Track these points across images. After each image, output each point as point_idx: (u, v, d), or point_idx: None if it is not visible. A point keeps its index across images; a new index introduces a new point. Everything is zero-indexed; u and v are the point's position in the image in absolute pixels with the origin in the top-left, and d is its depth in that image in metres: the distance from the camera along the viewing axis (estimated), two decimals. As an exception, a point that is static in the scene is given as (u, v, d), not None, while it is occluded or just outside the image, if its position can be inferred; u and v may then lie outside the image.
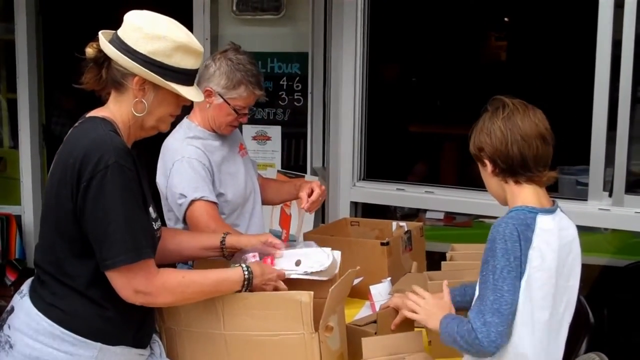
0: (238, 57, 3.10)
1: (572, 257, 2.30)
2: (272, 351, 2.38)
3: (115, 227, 2.12)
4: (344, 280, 2.52)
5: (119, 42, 2.24)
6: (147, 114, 2.29)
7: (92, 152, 2.13)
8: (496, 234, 2.18)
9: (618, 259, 4.28)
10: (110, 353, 2.23)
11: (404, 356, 2.49)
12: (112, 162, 2.12)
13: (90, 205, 2.13)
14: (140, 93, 2.26)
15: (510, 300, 2.14)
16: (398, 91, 6.15)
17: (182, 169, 3.01)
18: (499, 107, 2.31)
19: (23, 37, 5.45)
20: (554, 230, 2.22)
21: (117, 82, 2.27)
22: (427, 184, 4.61)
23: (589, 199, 4.01)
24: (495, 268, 2.16)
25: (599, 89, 3.90)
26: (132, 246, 2.13)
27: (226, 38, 4.93)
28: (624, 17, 3.80)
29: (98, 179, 2.11)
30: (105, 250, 2.13)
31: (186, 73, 2.29)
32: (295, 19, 4.81)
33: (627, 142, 3.85)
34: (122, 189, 2.13)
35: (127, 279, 2.16)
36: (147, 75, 2.23)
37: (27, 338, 2.20)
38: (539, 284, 2.18)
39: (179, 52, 2.25)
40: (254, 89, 3.10)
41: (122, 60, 2.22)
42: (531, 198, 2.27)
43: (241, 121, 3.18)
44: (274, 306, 2.35)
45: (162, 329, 2.52)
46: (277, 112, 4.85)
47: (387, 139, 5.67)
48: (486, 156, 2.30)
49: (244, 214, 3.23)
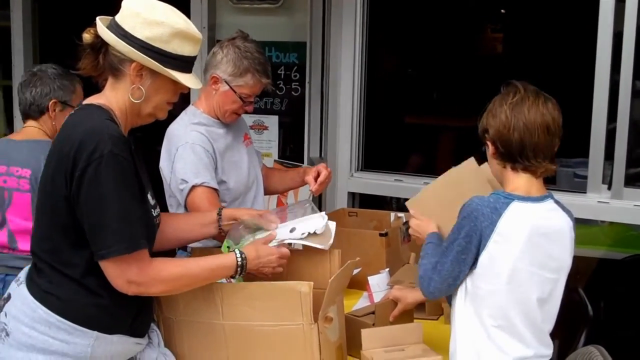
0: (246, 44, 3.11)
1: (557, 249, 2.33)
2: (271, 341, 2.37)
3: (110, 217, 2.10)
4: (344, 271, 2.50)
5: (116, 28, 2.22)
6: (144, 101, 2.28)
7: (87, 140, 2.11)
8: (461, 209, 2.29)
9: (615, 252, 4.28)
10: (107, 341, 2.22)
11: (403, 347, 2.50)
12: (107, 151, 2.09)
13: (84, 194, 2.11)
14: (137, 79, 2.24)
15: (451, 270, 2.28)
16: (395, 82, 6.14)
17: (185, 154, 3.01)
18: (510, 92, 2.33)
19: (18, 23, 5.42)
20: (527, 218, 2.26)
21: (115, 68, 2.25)
22: (425, 175, 4.60)
23: (588, 191, 4.00)
24: (449, 238, 2.29)
25: (599, 81, 3.89)
26: (127, 236, 2.12)
27: (224, 27, 4.90)
28: (625, 9, 3.79)
29: (93, 167, 2.09)
30: (99, 240, 2.12)
31: (184, 60, 2.27)
32: (294, 8, 4.78)
33: (626, 135, 3.85)
34: (116, 178, 2.11)
35: (121, 269, 2.15)
36: (144, 61, 2.21)
37: (23, 326, 2.19)
38: (499, 263, 2.25)
39: (177, 38, 2.23)
40: (261, 77, 3.10)
41: (119, 46, 2.20)
42: (520, 186, 2.31)
43: (247, 110, 3.18)
44: (274, 296, 2.34)
45: (160, 318, 2.51)
46: (274, 102, 4.83)
47: (384, 130, 5.65)
48: (489, 138, 2.34)
49: (245, 202, 3.23)
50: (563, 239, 2.35)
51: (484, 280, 2.28)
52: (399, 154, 5.74)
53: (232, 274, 2.38)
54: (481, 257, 2.25)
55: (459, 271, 2.29)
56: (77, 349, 2.19)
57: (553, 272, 2.33)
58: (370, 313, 2.78)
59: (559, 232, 2.34)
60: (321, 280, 2.43)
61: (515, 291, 2.26)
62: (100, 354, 2.22)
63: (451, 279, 2.31)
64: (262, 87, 3.16)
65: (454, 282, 2.32)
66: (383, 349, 2.49)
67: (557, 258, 2.33)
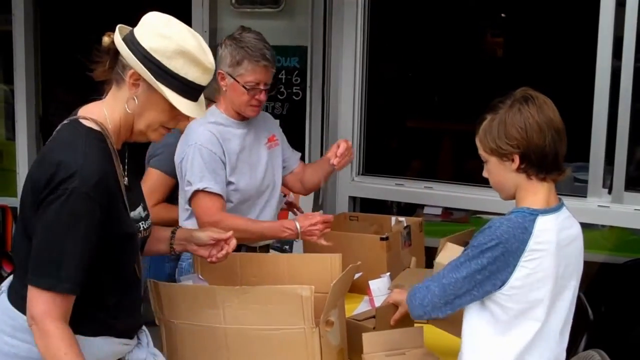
0: (243, 35, 3.11)
1: (574, 257, 2.29)
2: (272, 345, 2.38)
3: (48, 248, 2.04)
4: (345, 275, 2.51)
5: (129, 35, 2.18)
6: (137, 115, 2.20)
7: (59, 171, 2.04)
8: (489, 229, 2.18)
9: (616, 256, 4.28)
10: (90, 344, 2.16)
11: (404, 351, 2.50)
12: (73, 186, 2.02)
13: (39, 218, 2.06)
14: (133, 88, 2.17)
15: (458, 285, 2.18)
16: (396, 86, 6.14)
17: (192, 155, 3.03)
18: (529, 99, 2.21)
19: (20, 28, 5.42)
20: (554, 230, 2.20)
21: (118, 73, 2.21)
22: (426, 179, 4.60)
23: (588, 195, 4.01)
24: (467, 255, 2.19)
25: (599, 85, 3.89)
26: (55, 274, 2.03)
27: (225, 31, 4.89)
28: (625, 13, 3.80)
29: (55, 196, 2.03)
30: (32, 265, 2.05)
31: (186, 83, 2.17)
32: (295, 12, 4.79)
33: (627, 139, 3.85)
34: (74, 216, 2.03)
35: (30, 299, 2.05)
36: (140, 69, 2.14)
37: (5, 336, 2.16)
38: (532, 280, 2.18)
39: (181, 57, 2.15)
40: (258, 62, 3.07)
41: (122, 49, 2.16)
42: (542, 196, 2.23)
43: (259, 99, 3.13)
44: (275, 300, 2.35)
45: (161, 322, 2.51)
46: (275, 106, 4.83)
47: (385, 134, 5.66)
48: (518, 152, 2.19)
49: (255, 205, 3.23)
50: (579, 245, 2.32)
51: (516, 301, 2.19)
52: (400, 158, 5.74)
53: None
54: (512, 278, 2.16)
55: (465, 290, 2.18)
56: None
57: (572, 279, 2.29)
58: (371, 317, 2.78)
59: (576, 239, 2.31)
60: (322, 285, 2.43)
61: (544, 302, 2.21)
62: (84, 357, 2.12)
63: (452, 296, 2.20)
64: (265, 72, 3.10)
65: (452, 301, 2.21)
66: (384, 353, 2.48)
67: (575, 264, 2.30)
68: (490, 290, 2.19)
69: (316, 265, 2.66)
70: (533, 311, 2.21)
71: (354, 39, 4.59)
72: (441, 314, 2.25)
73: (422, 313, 2.29)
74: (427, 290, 2.25)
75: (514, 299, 2.19)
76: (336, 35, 4.61)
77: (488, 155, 2.27)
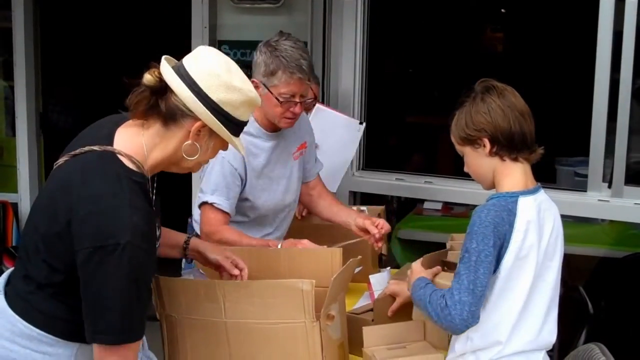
0: (279, 42, 2.96)
1: (554, 237, 2.35)
2: (273, 339, 2.38)
3: (110, 307, 1.99)
4: (346, 269, 2.51)
5: (189, 81, 2.09)
6: (190, 157, 2.15)
7: (103, 219, 1.97)
8: (477, 220, 2.24)
9: (616, 250, 4.28)
10: (90, 350, 2.11)
11: (404, 345, 2.50)
12: (124, 241, 1.95)
13: (88, 275, 1.99)
14: (195, 137, 2.12)
15: (485, 284, 2.21)
16: (396, 81, 6.15)
17: (213, 165, 2.95)
18: (489, 88, 2.33)
19: (20, 24, 5.41)
20: (535, 210, 2.28)
21: (172, 118, 2.11)
22: (426, 174, 4.61)
23: (588, 190, 4.01)
24: (475, 251, 2.21)
25: (599, 79, 3.90)
26: (119, 329, 2.01)
27: (225, 27, 4.92)
28: (625, 7, 3.80)
29: (106, 252, 1.95)
30: (92, 321, 2.02)
31: (242, 125, 2.19)
32: (294, 8, 4.79)
33: (627, 133, 3.86)
34: (128, 271, 1.97)
35: (102, 355, 2.04)
36: (213, 123, 2.09)
37: (3, 340, 2.13)
38: (523, 262, 2.25)
39: (244, 105, 2.14)
40: (292, 73, 2.91)
41: (191, 102, 2.07)
42: (518, 178, 2.32)
43: (294, 112, 3.00)
44: (276, 294, 2.34)
45: (162, 316, 2.51)
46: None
47: (385, 129, 5.66)
48: (486, 135, 2.30)
49: (273, 219, 3.17)
50: (558, 226, 2.38)
51: (504, 281, 2.25)
52: (400, 153, 5.76)
53: None
54: (504, 261, 2.23)
55: (487, 281, 2.22)
56: None
57: (553, 260, 2.35)
58: (369, 310, 2.79)
59: (555, 219, 2.38)
60: (323, 279, 2.43)
61: (531, 282, 2.28)
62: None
63: (483, 296, 2.22)
64: (301, 84, 2.95)
65: (483, 296, 2.22)
66: (385, 346, 2.48)
67: (554, 244, 2.35)
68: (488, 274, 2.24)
69: (316, 259, 2.66)
70: (516, 291, 2.27)
71: (353, 35, 4.59)
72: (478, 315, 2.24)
73: (464, 328, 2.22)
74: (462, 303, 2.20)
75: (502, 280, 2.25)
76: (336, 30, 4.61)
77: (462, 146, 2.39)
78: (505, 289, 2.27)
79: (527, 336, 2.31)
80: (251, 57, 4.66)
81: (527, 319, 2.31)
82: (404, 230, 4.70)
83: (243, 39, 4.86)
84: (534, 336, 2.32)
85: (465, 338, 2.33)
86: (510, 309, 2.28)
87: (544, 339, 2.36)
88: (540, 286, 2.32)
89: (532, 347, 2.33)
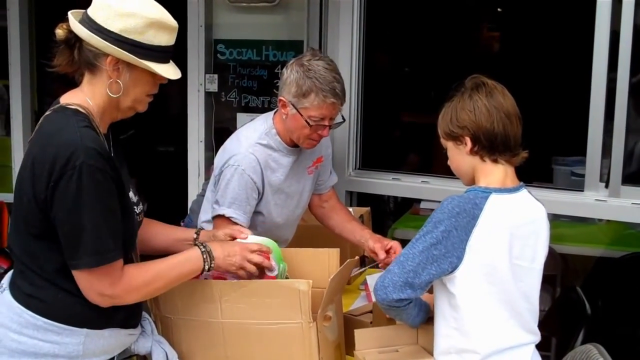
0: (312, 62, 2.88)
1: (534, 239, 2.33)
2: (269, 340, 2.37)
3: (79, 230, 2.08)
4: (343, 270, 2.50)
5: (89, 22, 2.16)
6: (122, 95, 2.22)
7: (60, 153, 2.07)
8: (440, 206, 2.25)
9: (613, 250, 4.28)
10: (98, 337, 2.21)
11: (397, 348, 2.48)
12: (79, 162, 2.05)
13: (56, 206, 2.09)
14: (114, 73, 2.18)
15: (416, 261, 2.20)
16: (393, 80, 6.13)
17: (230, 177, 2.90)
18: (479, 85, 2.33)
19: (15, 23, 5.38)
20: (506, 209, 2.27)
21: (90, 63, 2.20)
22: (422, 174, 4.60)
23: (585, 189, 4.00)
24: (422, 232, 2.23)
25: (596, 79, 3.88)
26: (95, 250, 2.09)
27: (221, 26, 4.89)
28: (622, 7, 3.79)
29: (65, 179, 2.06)
30: (68, 251, 2.10)
31: (160, 50, 2.20)
32: (290, 6, 4.77)
33: (624, 132, 3.84)
34: (88, 189, 2.07)
35: (90, 282, 2.13)
36: (120, 54, 2.15)
37: (11, 332, 2.17)
38: (485, 260, 2.22)
39: (151, 28, 2.17)
40: (326, 97, 2.85)
41: (93, 41, 2.15)
42: (496, 178, 2.31)
43: (322, 135, 2.95)
44: (272, 294, 2.34)
45: (157, 317, 2.51)
46: (272, 100, 4.81)
47: (382, 129, 5.65)
48: (468, 134, 2.30)
49: (279, 229, 3.12)
50: (539, 228, 2.36)
51: (472, 280, 2.24)
52: (397, 152, 5.74)
53: (201, 265, 2.34)
54: (465, 255, 2.20)
55: (422, 267, 2.19)
56: (68, 349, 2.17)
57: (530, 262, 2.33)
58: (368, 312, 2.78)
59: (535, 221, 2.35)
60: (319, 280, 2.43)
61: (500, 283, 2.25)
62: (92, 350, 2.20)
63: (412, 274, 2.19)
64: (333, 108, 2.90)
65: (412, 280, 2.20)
66: (377, 349, 2.46)
67: (534, 247, 2.33)
68: (447, 269, 2.22)
69: (313, 260, 2.65)
70: (488, 291, 2.25)
71: (350, 34, 4.58)
72: (404, 294, 2.21)
73: (383, 295, 2.22)
74: (387, 272, 2.25)
75: (470, 279, 2.23)
76: (332, 29, 4.59)
77: (445, 141, 2.40)
78: (472, 287, 2.24)
79: (504, 334, 2.29)
80: (247, 56, 4.76)
81: (501, 319, 2.28)
82: (400, 230, 4.70)
83: (239, 38, 4.84)
84: (513, 334, 2.31)
85: (446, 336, 2.32)
86: (482, 307, 2.26)
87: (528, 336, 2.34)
88: (517, 287, 2.29)
89: (514, 343, 2.32)
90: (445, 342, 2.32)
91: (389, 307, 2.28)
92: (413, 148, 5.93)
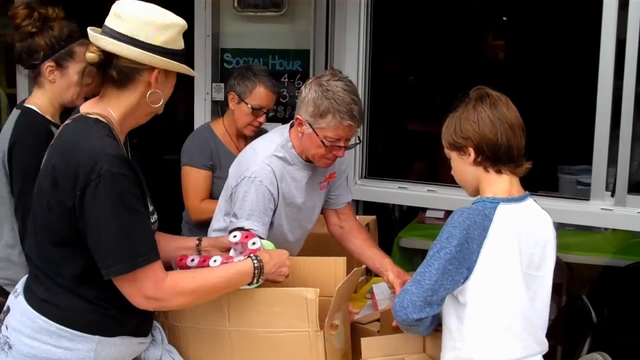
0: (331, 82, 2.83)
1: (541, 247, 2.33)
2: (276, 348, 2.38)
3: (108, 237, 2.09)
4: (350, 279, 2.51)
5: (129, 40, 2.18)
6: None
7: (85, 162, 2.09)
8: (450, 220, 2.25)
9: (619, 259, 4.27)
10: (110, 344, 2.22)
11: (403, 357, 2.49)
12: (104, 170, 2.08)
13: (85, 215, 2.10)
14: (155, 84, 2.24)
15: (433, 279, 2.20)
16: (399, 89, 6.15)
17: (247, 189, 2.87)
18: (483, 96, 2.34)
19: (23, 32, 5.42)
20: (515, 218, 2.27)
21: (128, 78, 2.22)
22: (428, 183, 4.60)
23: (591, 198, 4.00)
24: (435, 247, 2.23)
25: (602, 88, 3.89)
26: (126, 256, 2.10)
27: (228, 35, 4.92)
28: (628, 16, 3.80)
29: (91, 188, 2.08)
30: (101, 260, 2.12)
31: (184, 53, 2.29)
32: (297, 16, 4.79)
33: (630, 141, 3.84)
34: (115, 197, 2.09)
35: (133, 287, 2.14)
36: (168, 65, 2.22)
37: (24, 337, 2.19)
38: (496, 270, 2.23)
39: (180, 35, 2.27)
40: (343, 119, 2.79)
41: (144, 58, 2.19)
42: (503, 188, 2.32)
43: (337, 155, 2.91)
44: (280, 303, 2.35)
45: (165, 326, 2.51)
46: (277, 110, 4.83)
47: (388, 137, 5.66)
48: (472, 144, 2.31)
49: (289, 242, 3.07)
50: (546, 237, 2.36)
51: (479, 290, 2.24)
52: (403, 161, 5.75)
53: (250, 279, 2.36)
54: (477, 266, 2.21)
55: (440, 285, 2.20)
56: (80, 355, 2.18)
57: (539, 270, 2.33)
58: (375, 320, 2.78)
59: (542, 230, 2.36)
60: (326, 288, 2.43)
61: (510, 292, 2.26)
62: (104, 357, 2.21)
63: (430, 292, 2.20)
64: (349, 130, 2.85)
65: (431, 298, 2.21)
66: (383, 358, 2.47)
67: (540, 254, 2.33)
68: (459, 280, 2.23)
69: (320, 268, 2.66)
70: (496, 301, 2.26)
71: (356, 42, 4.59)
72: (423, 313, 2.23)
73: (404, 316, 2.24)
74: (405, 292, 2.25)
75: (480, 289, 2.24)
76: (339, 38, 4.61)
77: (449, 150, 2.41)
78: (483, 297, 2.24)
79: (515, 344, 2.29)
80: (254, 64, 4.77)
81: (512, 329, 2.28)
82: (405, 239, 4.69)
83: (246, 47, 4.87)
84: (523, 344, 2.30)
85: (452, 348, 2.32)
86: (492, 317, 2.26)
87: (536, 347, 2.34)
88: (528, 296, 2.29)
89: (523, 354, 2.31)
90: (452, 354, 2.33)
91: (409, 326, 2.29)
92: (419, 157, 5.93)
